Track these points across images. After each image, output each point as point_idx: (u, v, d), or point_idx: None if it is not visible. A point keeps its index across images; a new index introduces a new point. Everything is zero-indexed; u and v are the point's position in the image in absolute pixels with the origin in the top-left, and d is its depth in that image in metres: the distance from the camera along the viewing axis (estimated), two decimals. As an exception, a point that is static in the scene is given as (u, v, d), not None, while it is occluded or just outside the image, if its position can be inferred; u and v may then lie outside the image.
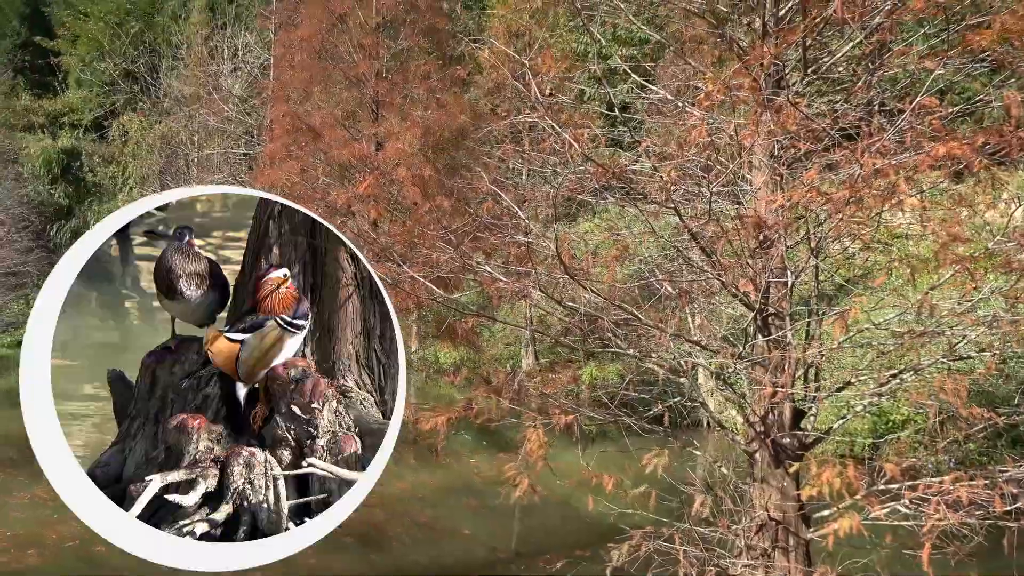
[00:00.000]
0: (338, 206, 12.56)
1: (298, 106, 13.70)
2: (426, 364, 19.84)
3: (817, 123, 4.40)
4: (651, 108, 7.75)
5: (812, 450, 5.38)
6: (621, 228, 6.41)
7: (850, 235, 4.54)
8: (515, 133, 17.26)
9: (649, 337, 5.05)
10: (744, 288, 4.53)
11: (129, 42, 38.08)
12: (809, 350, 4.71)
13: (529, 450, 4.41)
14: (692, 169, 5.22)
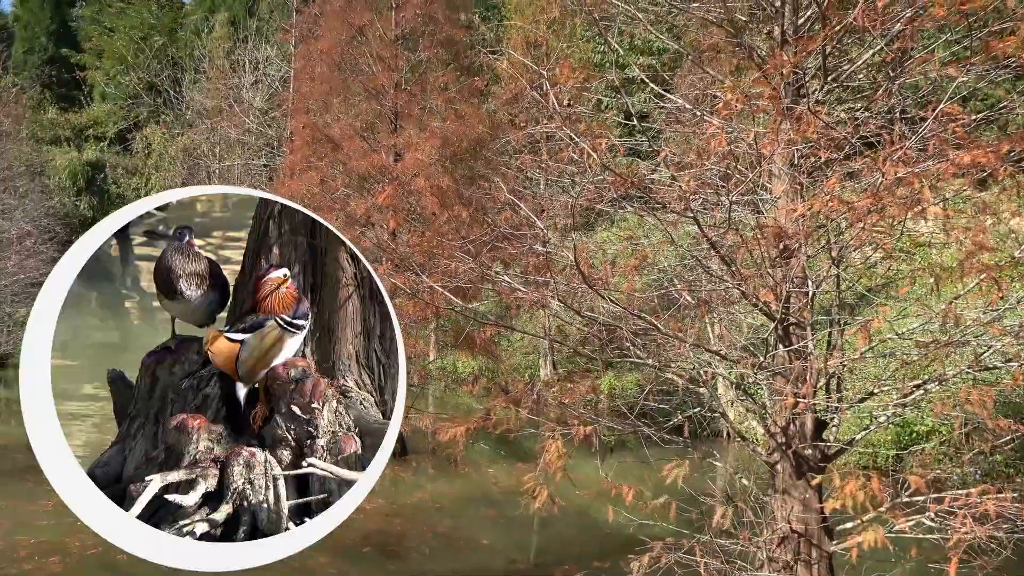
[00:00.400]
0: (357, 216, 12.64)
1: (318, 117, 13.82)
2: (444, 374, 19.86)
3: (838, 131, 4.37)
4: (669, 117, 7.74)
5: (834, 461, 5.31)
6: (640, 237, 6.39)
7: (872, 244, 4.49)
8: (533, 143, 17.30)
9: (668, 347, 5.02)
10: (765, 298, 4.49)
11: (153, 56, 38.69)
12: (831, 360, 4.66)
13: (548, 461, 4.39)
14: (711, 178, 5.20)
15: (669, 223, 5.28)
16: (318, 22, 16.04)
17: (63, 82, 44.48)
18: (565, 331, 16.71)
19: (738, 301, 5.54)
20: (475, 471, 12.89)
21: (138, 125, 39.65)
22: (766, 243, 4.47)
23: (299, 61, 18.28)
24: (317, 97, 13.94)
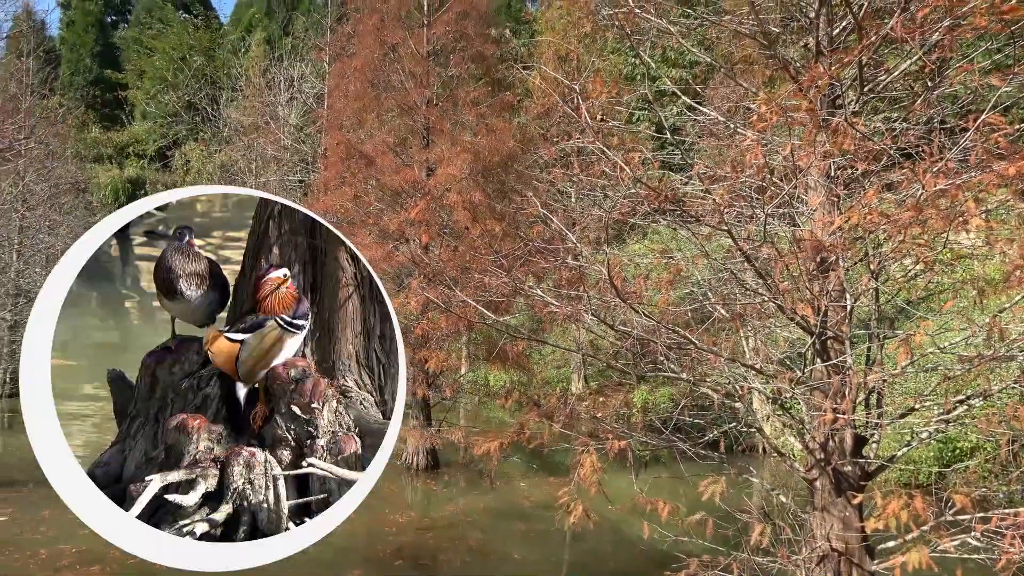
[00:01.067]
0: (391, 231, 12.76)
1: (352, 133, 14.01)
2: (476, 387, 19.89)
3: (875, 143, 4.31)
4: (702, 130, 7.70)
5: (875, 478, 5.20)
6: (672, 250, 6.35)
7: (912, 256, 4.41)
8: (564, 156, 17.33)
9: (703, 361, 4.97)
10: (802, 311, 4.43)
11: (192, 76, 39.68)
12: (871, 375, 4.57)
13: (582, 475, 4.36)
14: (745, 191, 5.16)
15: (703, 236, 5.25)
16: (352, 40, 16.29)
17: (106, 102, 45.88)
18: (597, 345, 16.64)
19: (774, 315, 5.47)
20: (507, 485, 12.86)
21: (177, 143, 40.66)
22: (804, 256, 4.41)
23: (333, 79, 18.58)
24: (351, 114, 14.13)
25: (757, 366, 5.19)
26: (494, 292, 5.69)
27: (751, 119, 4.78)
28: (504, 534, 10.28)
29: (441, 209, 12.57)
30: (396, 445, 13.08)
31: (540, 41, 23.68)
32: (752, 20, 5.56)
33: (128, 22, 52.24)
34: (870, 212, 3.79)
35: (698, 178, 4.99)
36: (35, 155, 19.06)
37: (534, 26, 30.13)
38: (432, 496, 12.51)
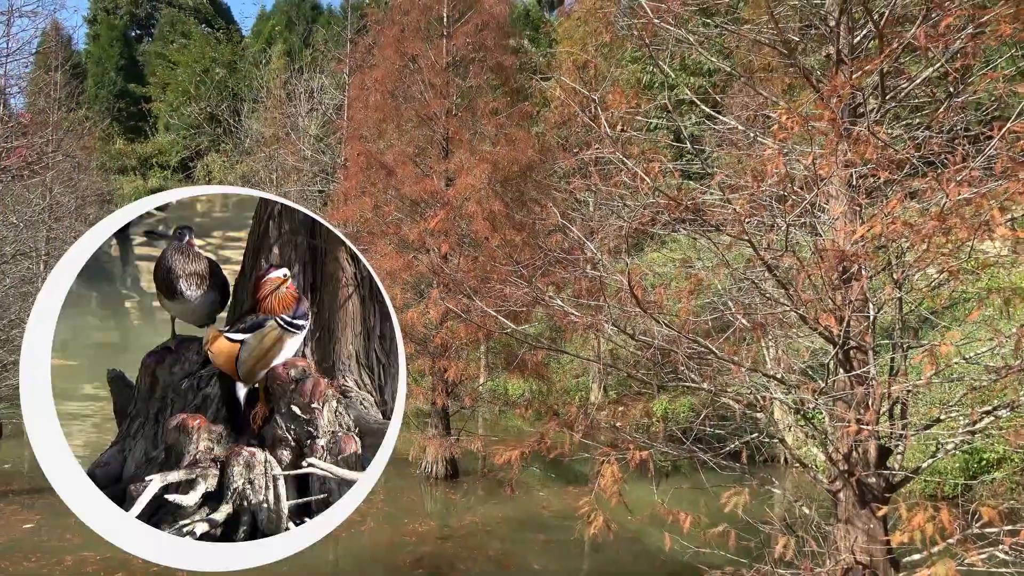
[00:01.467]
0: (410, 241, 12.83)
1: (372, 144, 14.12)
2: (496, 396, 19.88)
3: (898, 151, 4.28)
4: (721, 138, 7.69)
5: (899, 490, 5.14)
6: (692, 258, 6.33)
7: (936, 265, 4.37)
8: (582, 165, 17.35)
9: (724, 371, 4.94)
10: (825, 322, 4.40)
11: (214, 88, 40.22)
12: (895, 385, 4.53)
13: (603, 485, 4.35)
14: (766, 200, 5.14)
15: (723, 245, 5.24)
16: (371, 52, 16.44)
17: (130, 115, 46.63)
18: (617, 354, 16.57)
19: (796, 324, 5.43)
20: (525, 494, 12.83)
21: (199, 154, 41.19)
22: (826, 266, 4.38)
23: (353, 90, 18.74)
24: (371, 125, 14.25)
25: (779, 376, 5.15)
26: (514, 302, 5.70)
27: (771, 128, 4.77)
28: (524, 544, 10.25)
29: (460, 219, 12.62)
30: (416, 454, 13.07)
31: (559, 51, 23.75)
32: (771, 29, 5.55)
33: (152, 36, 53.14)
34: (893, 221, 3.77)
35: (718, 188, 4.98)
36: (62, 168, 19.40)
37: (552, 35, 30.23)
38: (452, 505, 12.51)
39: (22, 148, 13.92)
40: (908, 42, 4.39)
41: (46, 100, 20.49)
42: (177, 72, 44.41)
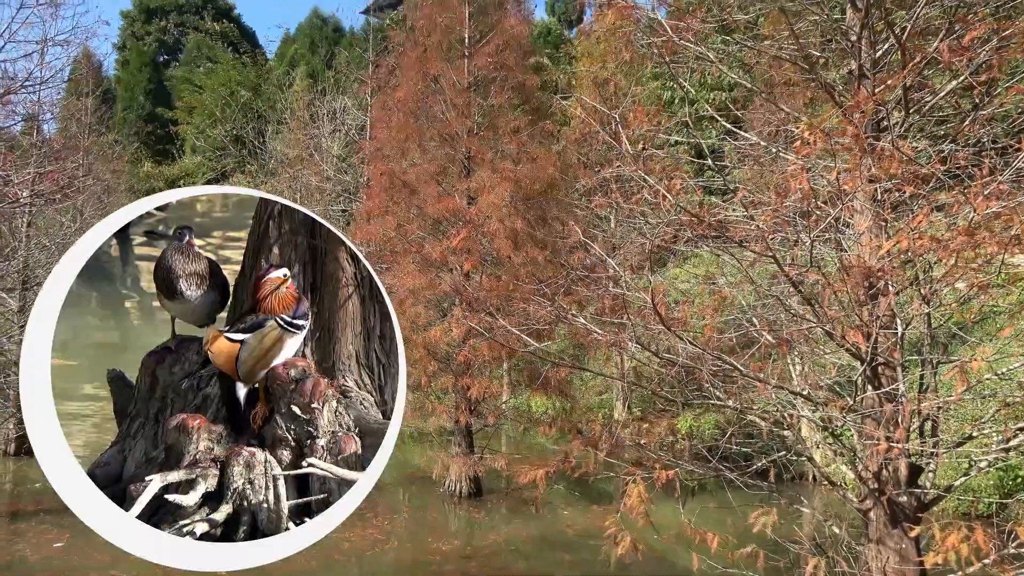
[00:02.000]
0: (433, 259, 12.91)
1: (394, 163, 14.27)
2: (519, 414, 19.81)
3: (923, 166, 4.25)
4: (743, 154, 7.67)
5: (931, 509, 5.04)
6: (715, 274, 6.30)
7: (965, 280, 4.31)
8: (604, 183, 17.37)
9: (750, 388, 4.90)
10: (853, 338, 4.35)
11: (239, 110, 40.89)
12: (925, 402, 4.46)
13: (629, 505, 4.32)
14: (789, 215, 5.11)
15: (747, 261, 5.21)
16: (394, 73, 16.65)
17: (158, 137, 47.56)
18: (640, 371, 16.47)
19: (822, 340, 5.38)
20: (550, 513, 12.74)
21: (225, 175, 41.81)
22: (852, 282, 4.34)
23: (376, 110, 18.99)
24: (394, 144, 14.41)
25: (805, 393, 5.09)
26: (537, 320, 5.71)
27: (794, 144, 4.75)
28: (548, 564, 10.17)
29: (482, 237, 12.68)
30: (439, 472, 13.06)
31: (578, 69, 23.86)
32: (792, 44, 5.54)
33: (179, 61, 54.29)
34: (920, 236, 3.73)
35: (741, 204, 4.96)
36: (93, 191, 19.80)
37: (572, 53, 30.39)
38: (475, 524, 12.46)
39: (55, 173, 14.26)
40: (931, 55, 4.37)
41: (77, 125, 20.96)
42: (203, 95, 45.25)
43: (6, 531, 11.20)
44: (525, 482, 4.80)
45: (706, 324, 4.75)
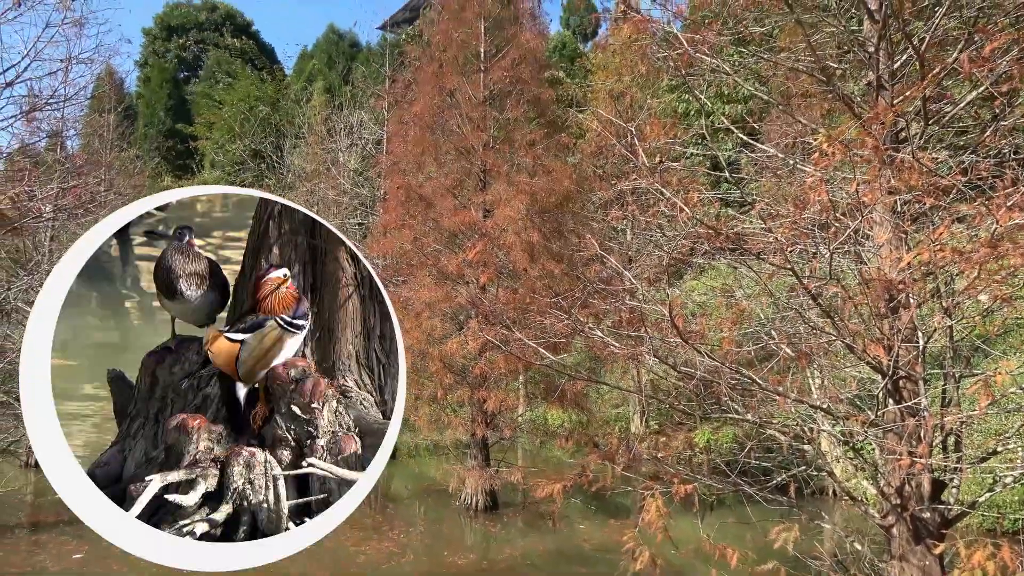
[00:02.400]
0: (449, 272, 12.94)
1: (411, 177, 14.35)
2: (535, 427, 19.75)
3: (944, 177, 4.21)
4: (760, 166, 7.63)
5: (955, 525, 4.95)
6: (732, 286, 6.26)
7: (988, 292, 4.25)
8: (620, 195, 17.36)
9: (769, 402, 4.85)
10: (873, 351, 4.30)
11: (257, 125, 41.34)
12: (948, 416, 4.39)
13: (647, 520, 4.28)
14: (808, 227, 5.08)
15: (765, 274, 5.17)
16: (410, 87, 16.77)
17: (178, 153, 48.19)
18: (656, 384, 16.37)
19: (842, 354, 5.32)
20: (566, 527, 12.66)
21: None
22: (873, 295, 4.30)
23: (393, 125, 19.12)
24: (411, 158, 14.49)
25: (825, 406, 5.04)
26: (553, 333, 5.69)
27: (811, 156, 4.72)
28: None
29: (498, 250, 12.70)
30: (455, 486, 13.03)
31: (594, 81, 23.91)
32: (809, 56, 5.53)
33: (199, 77, 55.08)
34: (941, 248, 3.69)
35: (759, 216, 4.94)
36: (115, 206, 20.07)
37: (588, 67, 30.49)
38: (491, 538, 12.40)
39: (77, 188, 14.48)
40: (950, 65, 4.34)
41: (100, 141, 21.29)
42: (223, 111, 45.82)
43: (27, 542, 11.30)
44: (542, 496, 4.77)
45: (724, 337, 4.72)
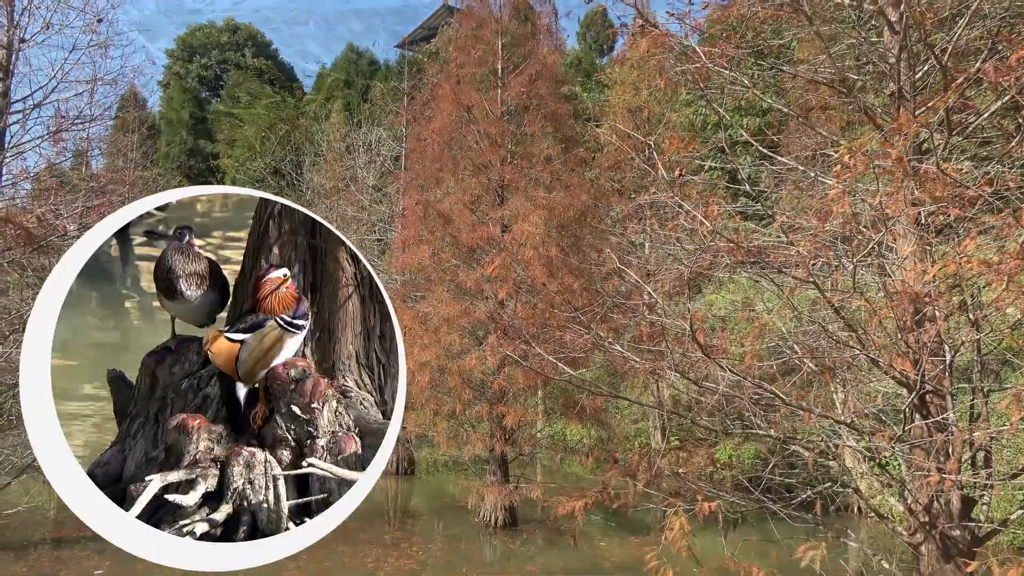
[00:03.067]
0: (467, 287, 12.96)
1: (429, 193, 14.43)
2: (555, 442, 19.64)
3: (969, 188, 4.15)
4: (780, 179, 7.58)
5: (986, 543, 4.84)
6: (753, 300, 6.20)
7: (1017, 305, 4.17)
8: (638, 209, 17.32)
9: (793, 417, 4.78)
10: (900, 366, 4.23)
11: (277, 143, 41.84)
12: (977, 432, 4.30)
13: (670, 538, 4.22)
14: (830, 240, 5.02)
15: (787, 287, 5.12)
16: (428, 104, 16.90)
17: (199, 171, 48.89)
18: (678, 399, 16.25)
19: (866, 368, 5.24)
20: (586, 543, 12.53)
21: (263, 206, 42.56)
22: (898, 308, 4.23)
23: (411, 141, 19.25)
24: (429, 175, 14.58)
25: (850, 422, 4.96)
26: (572, 348, 5.66)
27: (833, 168, 4.68)
28: (586, 596, 9.99)
29: (517, 265, 12.71)
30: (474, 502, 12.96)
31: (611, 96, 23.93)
32: (828, 68, 5.50)
33: (220, 96, 55.94)
34: (968, 260, 3.63)
35: (780, 229, 4.90)
36: (137, 223, 20.31)
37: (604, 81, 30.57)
38: (511, 555, 12.31)
39: (101, 206, 14.71)
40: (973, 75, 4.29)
41: (123, 160, 21.65)
42: (244, 129, 46.45)
43: (50, 558, 11.38)
44: (562, 514, 4.72)
45: (746, 351, 4.66)
